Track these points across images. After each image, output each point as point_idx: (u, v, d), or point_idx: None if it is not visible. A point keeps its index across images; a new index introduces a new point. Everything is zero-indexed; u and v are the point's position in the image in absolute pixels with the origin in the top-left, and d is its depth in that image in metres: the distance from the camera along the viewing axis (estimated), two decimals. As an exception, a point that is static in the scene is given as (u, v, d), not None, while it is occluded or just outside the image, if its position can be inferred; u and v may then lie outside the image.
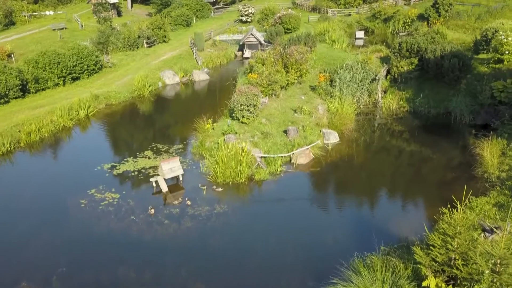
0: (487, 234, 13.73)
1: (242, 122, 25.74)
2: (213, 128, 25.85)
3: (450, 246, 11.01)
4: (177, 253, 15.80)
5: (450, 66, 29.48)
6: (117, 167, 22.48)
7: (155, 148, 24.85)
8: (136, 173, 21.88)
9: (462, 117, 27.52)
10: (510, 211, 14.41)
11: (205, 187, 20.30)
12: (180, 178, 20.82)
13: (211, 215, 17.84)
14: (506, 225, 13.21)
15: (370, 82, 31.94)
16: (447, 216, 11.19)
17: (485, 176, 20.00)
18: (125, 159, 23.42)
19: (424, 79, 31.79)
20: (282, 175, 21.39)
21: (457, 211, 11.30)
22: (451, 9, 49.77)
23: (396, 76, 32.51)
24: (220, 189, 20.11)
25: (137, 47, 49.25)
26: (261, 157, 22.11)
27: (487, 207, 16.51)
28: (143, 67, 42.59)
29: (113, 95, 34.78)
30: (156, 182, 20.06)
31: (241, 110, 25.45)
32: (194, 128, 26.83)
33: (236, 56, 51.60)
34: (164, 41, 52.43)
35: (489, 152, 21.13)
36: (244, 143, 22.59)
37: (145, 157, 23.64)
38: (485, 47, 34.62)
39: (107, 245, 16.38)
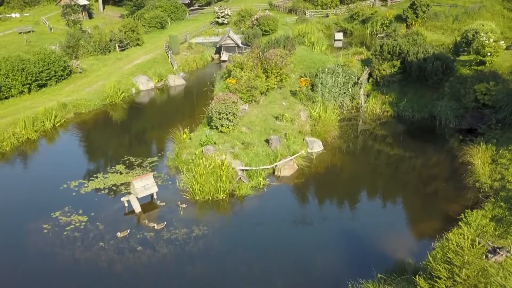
0: (489, 255, 12.70)
1: (221, 132, 24.24)
2: (190, 138, 24.23)
3: (457, 278, 9.87)
4: (151, 285, 14.14)
5: (433, 69, 28.76)
6: (86, 185, 20.58)
7: (127, 161, 23.04)
8: (106, 191, 20.03)
9: (448, 121, 26.81)
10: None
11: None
12: (155, 196, 19.13)
13: (189, 238, 16.20)
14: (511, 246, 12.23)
15: (352, 86, 30.97)
16: (452, 243, 10.03)
17: (476, 185, 19.11)
18: (94, 175, 21.51)
19: (407, 82, 31.02)
20: (265, 189, 19.94)
21: (460, 233, 10.18)
22: (428, 10, 49.54)
23: (378, 80, 31.63)
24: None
25: (109, 51, 47.07)
26: (243, 170, 20.65)
27: (484, 221, 15.55)
28: (115, 72, 40.53)
29: (83, 103, 32.68)
30: (128, 201, 18.32)
31: (219, 119, 23.96)
32: (170, 139, 25.20)
33: (213, 59, 50.11)
34: (137, 44, 50.40)
35: (480, 159, 20.31)
36: (224, 155, 21.12)
37: (117, 172, 21.81)
38: (465, 48, 34.18)
39: (72, 278, 14.48)
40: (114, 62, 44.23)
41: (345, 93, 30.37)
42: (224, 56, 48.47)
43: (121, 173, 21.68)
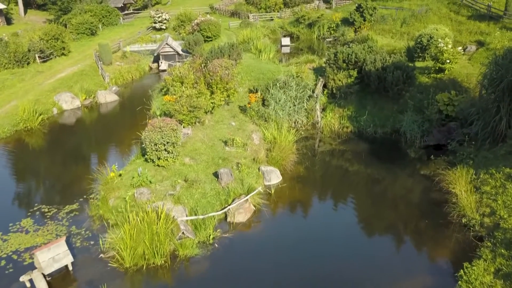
0: None
1: (158, 165, 19.92)
2: (120, 175, 19.67)
3: None
4: None
5: (394, 79, 26.30)
6: (-25, 254, 15.49)
7: (37, 212, 18.04)
8: (3, 262, 15.02)
9: (414, 137, 24.34)
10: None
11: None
12: (70, 268, 14.50)
13: (115, 337, 11.91)
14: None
15: (307, 99, 27.78)
16: None
17: (463, 221, 16.37)
18: (-11, 237, 16.43)
19: (365, 93, 28.36)
20: (216, 244, 15.81)
21: None
22: (375, 13, 48.04)
23: (334, 91, 28.69)
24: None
25: (28, 63, 40.76)
26: (186, 221, 16.49)
27: (488, 278, 12.66)
28: (34, 89, 34.68)
29: (-12, 131, 26.90)
30: (31, 280, 13.58)
31: (156, 151, 19.63)
32: (95, 177, 20.47)
33: (151, 68, 45.39)
34: (63, 54, 44.39)
35: (461, 188, 17.70)
36: (162, 200, 16.87)
37: (21, 231, 16.79)
38: (420, 54, 32.34)
39: None
40: (33, 76, 38.18)
41: (299, 108, 27.13)
42: (163, 65, 43.98)
43: (27, 232, 16.67)
